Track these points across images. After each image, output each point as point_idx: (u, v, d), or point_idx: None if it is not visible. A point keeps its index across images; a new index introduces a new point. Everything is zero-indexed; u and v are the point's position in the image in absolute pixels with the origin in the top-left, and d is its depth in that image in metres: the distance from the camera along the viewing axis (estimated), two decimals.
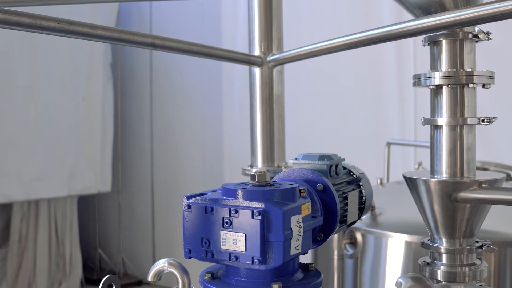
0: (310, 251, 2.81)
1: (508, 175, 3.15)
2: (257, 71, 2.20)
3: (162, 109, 8.10)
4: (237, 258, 1.28)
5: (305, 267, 1.46)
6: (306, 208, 1.35)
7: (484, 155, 4.05)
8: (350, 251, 2.49)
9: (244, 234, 1.27)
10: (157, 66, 8.10)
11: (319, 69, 5.58)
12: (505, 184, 2.79)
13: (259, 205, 1.26)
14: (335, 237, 2.47)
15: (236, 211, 1.28)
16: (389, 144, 3.97)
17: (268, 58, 2.18)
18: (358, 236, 2.47)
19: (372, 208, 2.56)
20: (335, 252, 2.49)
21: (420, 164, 3.47)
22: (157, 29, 7.86)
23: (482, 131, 4.56)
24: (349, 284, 2.57)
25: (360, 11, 5.53)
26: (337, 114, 5.75)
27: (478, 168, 3.00)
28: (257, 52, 2.21)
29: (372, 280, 2.53)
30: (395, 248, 2.40)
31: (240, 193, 1.30)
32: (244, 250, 1.27)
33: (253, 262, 1.26)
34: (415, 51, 5.11)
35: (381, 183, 3.25)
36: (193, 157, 7.64)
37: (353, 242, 2.49)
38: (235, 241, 1.28)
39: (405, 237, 2.35)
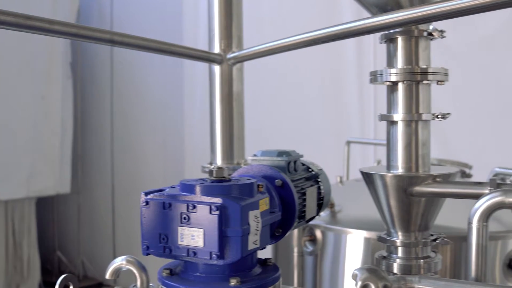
0: (270, 249, 2.82)
1: (464, 171, 3.22)
2: (216, 68, 2.20)
3: (122, 108, 8.02)
4: (195, 253, 1.28)
5: (263, 262, 1.47)
6: (264, 203, 1.36)
7: (441, 153, 4.13)
8: (310, 248, 2.51)
9: (202, 230, 1.27)
10: (118, 65, 8.02)
11: (281, 67, 5.60)
12: (463, 180, 2.86)
13: (217, 200, 1.26)
14: (295, 234, 2.49)
15: (194, 207, 1.28)
16: (348, 143, 4.02)
17: (227, 56, 2.19)
18: (318, 233, 2.49)
19: (332, 205, 2.59)
20: (295, 249, 2.50)
21: (379, 162, 3.52)
22: (118, 27, 7.78)
23: (440, 129, 4.65)
24: (309, 280, 2.58)
25: (323, 9, 5.57)
26: (299, 112, 5.78)
27: (434, 165, 3.06)
28: (217, 49, 2.21)
29: (332, 277, 2.55)
30: (354, 245, 2.42)
31: (198, 188, 1.30)
32: (202, 246, 1.27)
33: (211, 257, 1.26)
34: (375, 49, 5.17)
35: (340, 181, 3.28)
36: (154, 156, 7.59)
37: (313, 239, 2.51)
38: (193, 236, 1.28)
39: (364, 234, 2.38)
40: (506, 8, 1.24)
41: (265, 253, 1.53)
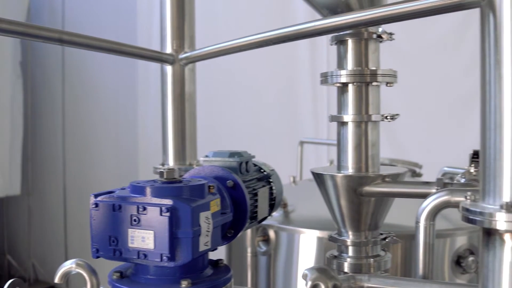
0: (224, 249, 2.82)
1: (414, 171, 3.28)
2: (168, 69, 2.18)
3: (74, 109, 7.88)
4: (145, 255, 1.27)
5: (215, 263, 1.47)
6: (215, 205, 1.36)
7: (394, 153, 4.20)
8: (263, 248, 2.52)
9: (152, 232, 1.26)
10: (70, 65, 7.87)
11: (235, 67, 5.61)
12: (412, 180, 2.91)
13: (168, 201, 1.26)
14: (248, 234, 2.49)
15: (144, 208, 1.27)
16: (301, 143, 4.05)
17: (180, 56, 2.17)
18: (271, 233, 2.50)
19: (285, 205, 2.60)
20: (249, 250, 2.51)
21: (331, 162, 3.55)
22: (70, 27, 7.64)
23: (392, 130, 4.73)
24: (263, 280, 2.59)
25: (278, 11, 5.59)
26: (253, 113, 5.80)
27: (386, 165, 3.11)
28: (169, 49, 2.20)
29: (285, 276, 2.56)
30: (307, 244, 2.44)
31: (148, 190, 1.29)
32: (153, 248, 1.26)
33: (161, 260, 1.25)
34: (328, 50, 5.22)
35: (294, 181, 3.31)
36: (108, 157, 7.48)
37: (266, 239, 2.51)
38: (143, 238, 1.27)
39: (316, 233, 2.40)
40: (450, 12, 1.28)
41: (219, 254, 1.53)
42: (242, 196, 1.52)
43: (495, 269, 1.12)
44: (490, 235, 1.12)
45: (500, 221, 1.07)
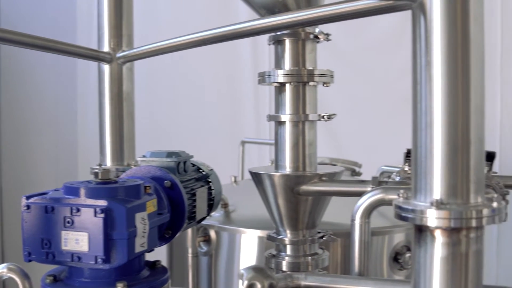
0: (165, 250, 2.79)
1: (354, 170, 3.33)
2: (106, 67, 2.14)
3: (11, 107, 7.63)
4: (79, 258, 1.24)
5: (152, 264, 1.45)
6: (151, 205, 1.34)
7: (334, 153, 4.25)
8: (204, 248, 2.51)
9: (87, 233, 1.23)
10: (6, 63, 7.64)
11: (177, 66, 5.56)
12: (350, 179, 2.95)
13: (102, 202, 1.23)
14: (188, 235, 2.47)
15: (78, 210, 1.24)
16: (243, 143, 4.05)
17: (117, 55, 2.13)
18: (212, 233, 2.49)
19: (226, 205, 2.59)
20: (189, 250, 2.49)
21: (273, 162, 3.56)
22: (6, 24, 7.41)
23: (332, 129, 4.78)
24: (204, 281, 2.58)
25: (221, 10, 5.58)
26: (195, 112, 5.76)
27: (326, 164, 3.15)
28: (106, 48, 2.16)
29: (227, 276, 2.56)
30: (249, 244, 2.44)
31: (82, 191, 1.27)
32: (87, 250, 1.24)
33: (96, 262, 1.23)
34: (270, 50, 5.23)
35: (235, 181, 3.30)
36: (46, 158, 7.29)
37: (207, 240, 2.50)
38: (77, 241, 1.25)
39: (257, 233, 2.40)
40: (383, 14, 1.30)
41: (160, 255, 1.51)
42: (180, 196, 1.51)
43: (427, 264, 1.15)
44: (422, 231, 1.15)
45: (431, 218, 1.10)
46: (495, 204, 1.12)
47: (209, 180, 1.70)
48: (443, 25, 1.11)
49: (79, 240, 1.24)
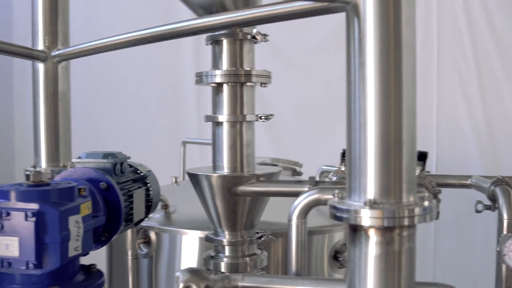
0: (104, 253, 2.74)
1: (295, 170, 3.35)
2: (40, 66, 2.08)
3: None
4: (10, 264, 1.21)
5: (87, 268, 1.42)
6: (86, 208, 1.31)
7: (276, 153, 4.27)
8: (145, 250, 2.47)
9: (17, 238, 1.20)
10: None
11: (117, 64, 5.47)
12: (290, 179, 2.97)
13: (34, 206, 1.20)
14: (128, 237, 2.44)
15: (8, 214, 1.20)
16: (184, 143, 4.02)
17: (52, 53, 2.08)
18: (152, 235, 2.46)
19: (166, 207, 2.56)
20: (129, 253, 2.45)
21: None
22: None
23: (275, 130, 4.80)
24: (145, 283, 2.55)
25: (162, 9, 5.52)
26: (136, 112, 5.68)
27: (267, 165, 3.15)
28: (41, 46, 2.10)
29: (168, 278, 2.53)
30: (190, 245, 2.43)
31: (12, 194, 1.23)
32: (18, 255, 1.20)
33: (27, 267, 1.20)
34: None
35: (176, 181, 3.27)
36: None
37: (147, 241, 2.47)
38: (7, 245, 1.20)
39: (198, 234, 2.38)
40: (319, 15, 1.31)
41: (99, 258, 1.48)
42: (116, 198, 1.48)
43: (361, 263, 1.16)
44: (356, 231, 1.16)
45: (365, 217, 1.11)
46: (426, 203, 1.14)
47: (147, 181, 1.68)
48: (376, 27, 1.13)
49: (9, 245, 1.21)
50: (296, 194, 1.50)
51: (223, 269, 1.62)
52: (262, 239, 1.67)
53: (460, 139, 4.54)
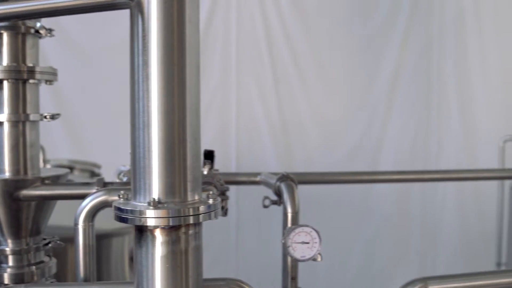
0: None
1: (93, 171, 3.26)
2: None
3: None
4: None
5: None
6: None
7: (78, 155, 4.11)
8: None
9: None
10: None
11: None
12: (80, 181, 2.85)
13: None
14: None
15: None
16: None
17: None
18: None
19: None
20: None
21: None
22: None
23: (75, 131, 4.60)
24: None
25: None
26: None
27: (64, 167, 3.01)
28: None
29: None
30: None
31: None
32: None
33: None
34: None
35: None
36: None
37: None
38: None
39: None
40: (104, 11, 1.27)
41: None
42: None
43: (148, 264, 1.15)
44: (142, 232, 1.15)
45: (150, 218, 1.10)
46: (211, 201, 1.16)
47: None
48: (159, 25, 1.12)
49: None
50: (84, 197, 1.44)
51: (6, 281, 1.49)
52: (50, 245, 1.58)
53: (258, 138, 4.73)
